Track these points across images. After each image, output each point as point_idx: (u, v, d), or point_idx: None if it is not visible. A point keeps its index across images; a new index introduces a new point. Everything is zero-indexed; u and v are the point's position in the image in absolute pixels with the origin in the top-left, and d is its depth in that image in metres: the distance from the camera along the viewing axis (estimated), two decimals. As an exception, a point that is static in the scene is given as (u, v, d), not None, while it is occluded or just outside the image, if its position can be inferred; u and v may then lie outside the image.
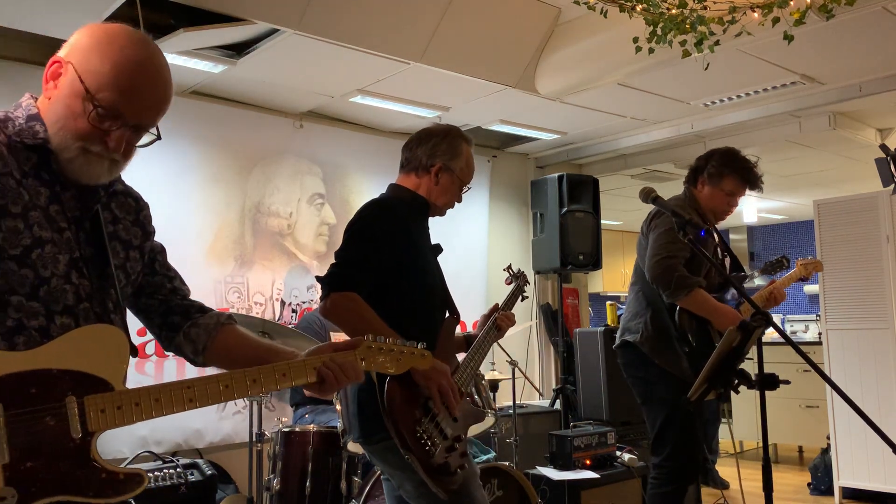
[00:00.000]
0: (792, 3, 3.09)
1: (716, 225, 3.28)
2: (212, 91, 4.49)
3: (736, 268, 3.30)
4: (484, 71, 4.30)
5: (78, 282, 1.33)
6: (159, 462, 3.68)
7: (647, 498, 3.11)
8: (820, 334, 5.83)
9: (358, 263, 2.14)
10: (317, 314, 3.83)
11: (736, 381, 2.33)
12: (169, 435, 4.10)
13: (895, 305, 4.64)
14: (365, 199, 2.38)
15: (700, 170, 3.23)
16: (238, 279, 4.54)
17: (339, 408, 3.12)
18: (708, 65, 3.62)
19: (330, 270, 2.14)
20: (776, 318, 6.18)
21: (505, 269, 2.81)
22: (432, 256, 2.37)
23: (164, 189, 4.18)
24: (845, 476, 4.80)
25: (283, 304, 4.72)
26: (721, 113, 5.18)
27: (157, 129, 1.39)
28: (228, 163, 4.58)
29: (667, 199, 3.02)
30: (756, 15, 3.15)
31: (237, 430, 4.37)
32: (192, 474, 3.61)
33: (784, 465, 6.36)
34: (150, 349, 4.10)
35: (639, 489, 4.08)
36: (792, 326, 8.58)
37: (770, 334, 5.49)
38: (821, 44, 3.99)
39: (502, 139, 6.00)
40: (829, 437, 4.96)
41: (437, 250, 2.41)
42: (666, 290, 2.95)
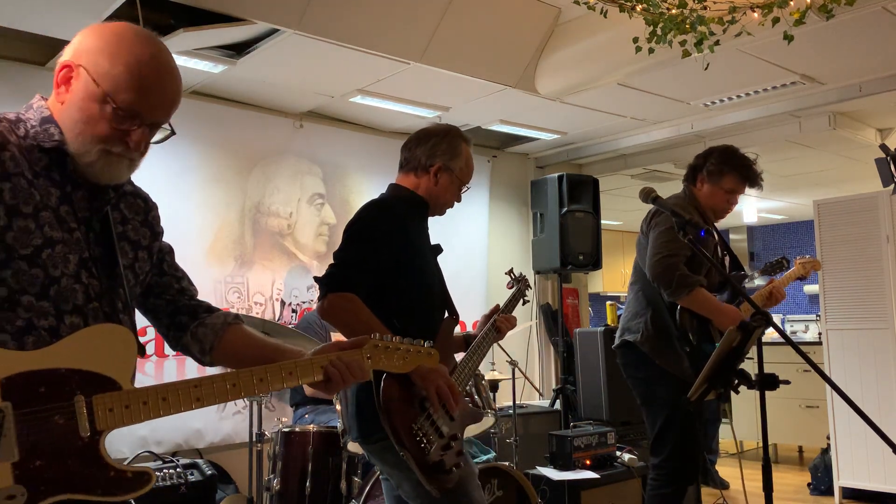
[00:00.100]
0: (792, 3, 3.09)
1: (716, 223, 3.27)
2: (212, 91, 4.49)
3: (735, 267, 3.28)
4: (484, 71, 4.29)
5: (87, 281, 1.34)
6: (159, 462, 3.68)
7: (646, 499, 3.09)
8: (820, 334, 5.83)
9: (356, 264, 2.14)
10: (317, 314, 3.84)
11: (736, 381, 2.32)
12: (169, 435, 4.10)
13: (895, 305, 4.64)
14: (365, 199, 2.38)
15: (699, 168, 3.20)
16: (238, 279, 4.54)
17: (338, 408, 3.12)
18: (708, 65, 3.62)
19: (328, 271, 2.14)
20: (776, 318, 6.18)
21: (507, 273, 2.81)
22: (431, 256, 2.37)
23: (164, 189, 4.18)
24: (845, 476, 4.80)
25: (283, 304, 4.72)
26: (721, 113, 5.18)
27: (169, 124, 1.41)
28: (228, 163, 4.58)
29: (666, 198, 3.02)
30: (756, 15, 3.15)
31: (237, 430, 4.37)
32: (192, 474, 3.61)
33: (784, 465, 6.36)
34: (149, 349, 4.10)
35: (639, 489, 4.08)
36: (792, 326, 8.58)
37: (770, 334, 5.49)
38: (821, 44, 3.99)
39: (502, 139, 6.00)
40: (829, 437, 4.96)
41: (436, 250, 2.40)
42: (667, 289, 2.92)
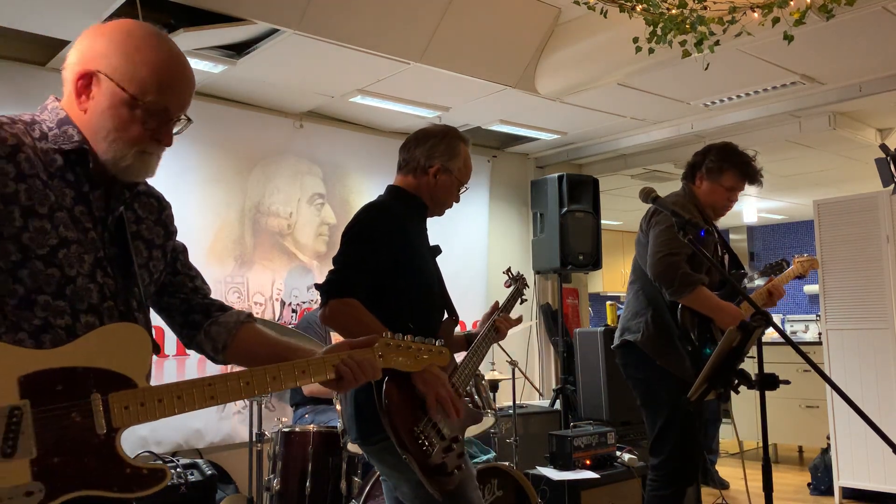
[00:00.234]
0: (792, 3, 3.09)
1: (716, 222, 3.25)
2: (212, 91, 4.49)
3: (735, 265, 3.26)
4: (484, 71, 4.29)
5: (102, 281, 1.35)
6: (159, 462, 3.68)
7: (645, 500, 3.07)
8: (820, 334, 5.83)
9: (355, 265, 2.14)
10: (317, 314, 3.84)
11: (736, 381, 2.32)
12: (169, 435, 4.10)
13: (895, 305, 4.64)
14: (365, 200, 2.39)
15: (698, 165, 3.17)
16: (238, 279, 4.54)
17: (338, 408, 3.12)
18: (708, 65, 3.62)
19: (328, 277, 2.14)
20: (776, 319, 6.18)
21: (504, 272, 2.81)
22: (430, 257, 2.37)
23: (164, 189, 4.04)
24: (845, 476, 4.80)
25: (283, 304, 4.72)
26: (721, 113, 5.18)
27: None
28: (228, 163, 4.58)
29: (666, 196, 3.01)
30: (756, 15, 3.15)
31: (237, 430, 4.37)
32: (192, 474, 3.61)
33: (784, 465, 6.36)
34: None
35: (639, 489, 4.08)
36: (792, 326, 8.58)
37: (770, 334, 5.49)
38: (821, 44, 3.99)
39: (502, 139, 6.00)
40: (829, 437, 4.96)
41: (435, 251, 2.40)
42: (669, 288, 2.89)
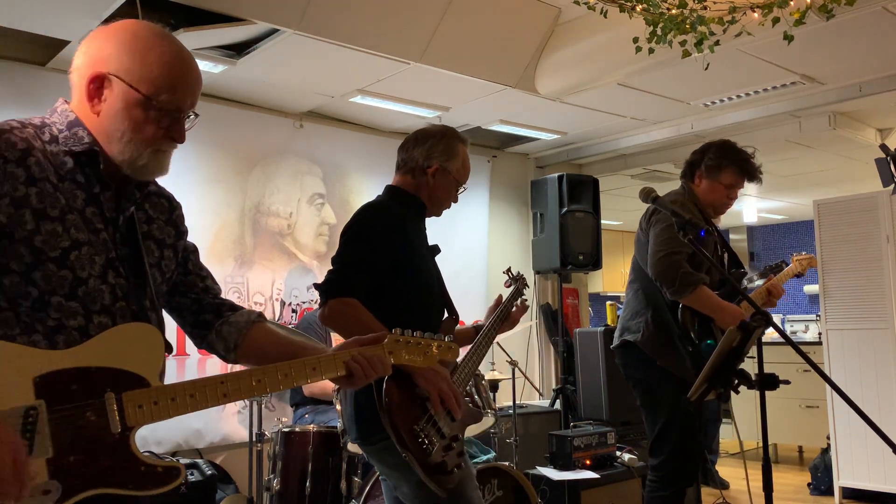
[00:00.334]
0: (792, 3, 3.09)
1: (716, 220, 3.24)
2: (212, 91, 4.49)
3: (735, 264, 3.24)
4: (484, 71, 4.29)
5: (114, 281, 1.36)
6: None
7: (645, 501, 3.06)
8: (820, 334, 5.83)
9: (354, 265, 2.14)
10: (317, 315, 3.84)
11: (736, 381, 2.32)
12: (169, 435, 4.10)
13: (895, 305, 4.64)
14: (365, 199, 2.38)
15: (696, 164, 3.16)
16: (238, 279, 4.54)
17: (339, 408, 3.12)
18: (708, 65, 3.62)
19: (327, 277, 2.14)
20: (776, 319, 6.18)
21: (504, 272, 2.81)
22: (430, 257, 2.37)
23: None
24: (845, 476, 4.80)
25: (283, 304, 4.72)
26: (721, 113, 5.18)
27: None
28: (228, 163, 4.58)
29: (665, 195, 3.00)
30: (756, 15, 3.15)
31: (237, 430, 4.36)
32: (192, 474, 3.61)
33: (784, 465, 6.36)
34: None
35: (639, 489, 4.08)
36: (792, 326, 8.58)
37: (770, 334, 5.49)
38: (821, 44, 3.99)
39: (502, 139, 6.00)
40: (829, 437, 4.96)
41: (434, 251, 2.40)
42: (670, 287, 2.88)
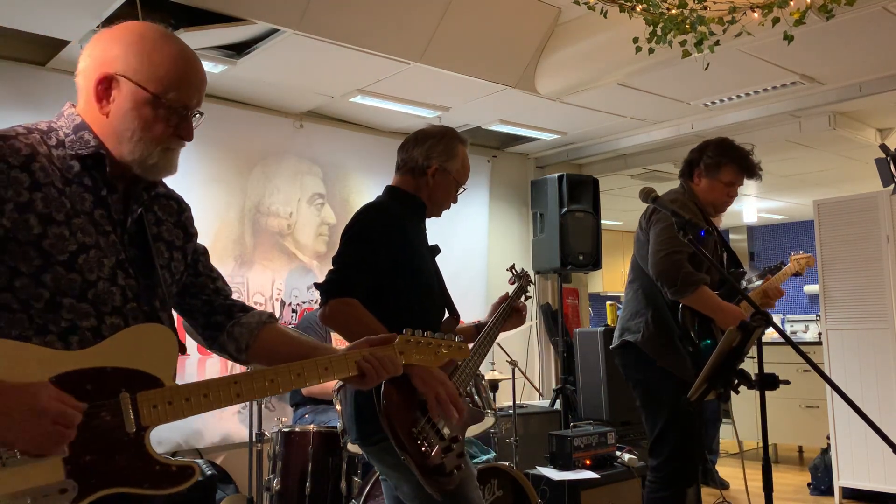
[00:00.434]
0: (792, 3, 3.09)
1: (716, 217, 3.23)
2: (212, 91, 4.49)
3: (734, 264, 3.24)
4: (484, 71, 4.29)
5: (124, 283, 1.37)
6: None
7: (645, 502, 3.05)
8: (820, 334, 5.83)
9: (355, 265, 2.14)
10: (317, 315, 3.84)
11: (736, 381, 2.32)
12: (169, 435, 4.10)
13: (895, 305, 4.64)
14: (365, 200, 2.39)
15: (695, 162, 3.14)
16: (238, 279, 4.54)
17: (339, 408, 3.12)
18: (708, 65, 3.62)
19: (328, 277, 2.14)
20: (776, 319, 6.18)
21: (508, 269, 2.81)
22: (430, 257, 2.37)
23: None
24: (845, 476, 4.80)
25: (283, 304, 4.72)
26: (721, 113, 5.18)
27: None
28: (228, 163, 4.58)
29: (664, 194, 2.99)
30: (756, 15, 3.15)
31: (237, 430, 4.36)
32: (192, 474, 3.60)
33: (784, 465, 6.36)
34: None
35: (639, 489, 4.08)
36: (792, 326, 8.58)
37: (770, 334, 5.49)
38: (821, 44, 3.99)
39: (502, 139, 6.00)
40: (829, 437, 4.96)
41: (434, 251, 2.40)
42: (672, 287, 2.86)
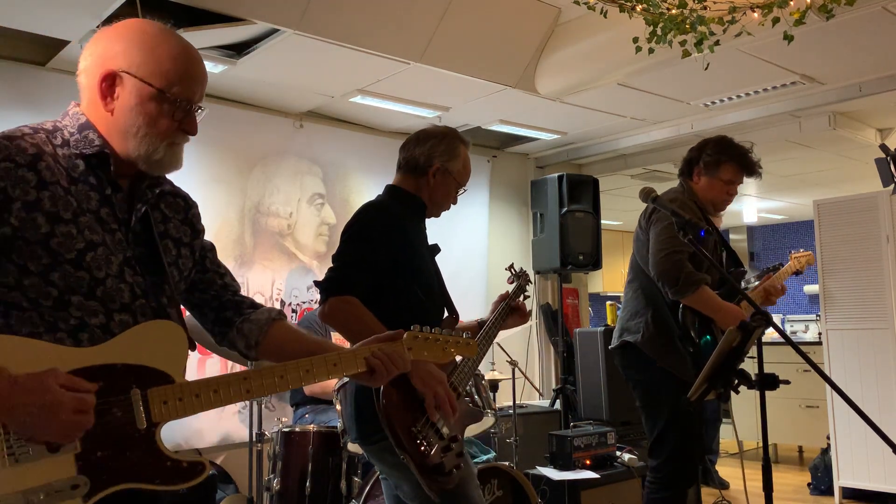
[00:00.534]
0: (792, 3, 3.09)
1: (716, 217, 3.22)
2: (211, 91, 4.49)
3: (734, 263, 3.23)
4: (484, 71, 4.29)
5: (132, 280, 1.37)
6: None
7: (645, 502, 3.04)
8: (820, 334, 5.83)
9: (355, 264, 2.14)
10: (317, 314, 3.84)
11: (736, 381, 2.32)
12: (169, 434, 4.06)
13: (895, 305, 4.64)
14: (365, 199, 2.39)
15: (694, 161, 3.14)
16: (238, 279, 4.51)
17: (339, 408, 3.12)
18: (708, 65, 3.62)
19: (327, 275, 2.15)
20: (776, 319, 6.18)
21: (507, 269, 2.81)
22: (430, 256, 2.37)
23: None
24: (845, 476, 4.80)
25: (282, 304, 4.72)
26: (721, 113, 5.18)
27: None
28: (228, 163, 4.58)
29: (664, 193, 2.99)
30: (756, 15, 3.15)
31: (237, 430, 4.36)
32: (191, 474, 3.60)
33: (784, 465, 6.36)
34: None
35: (639, 489, 4.07)
36: (792, 326, 8.58)
37: (770, 334, 5.49)
38: (821, 44, 3.99)
39: (502, 139, 6.00)
40: (829, 437, 4.96)
41: (434, 251, 2.40)
42: (673, 287, 2.85)
